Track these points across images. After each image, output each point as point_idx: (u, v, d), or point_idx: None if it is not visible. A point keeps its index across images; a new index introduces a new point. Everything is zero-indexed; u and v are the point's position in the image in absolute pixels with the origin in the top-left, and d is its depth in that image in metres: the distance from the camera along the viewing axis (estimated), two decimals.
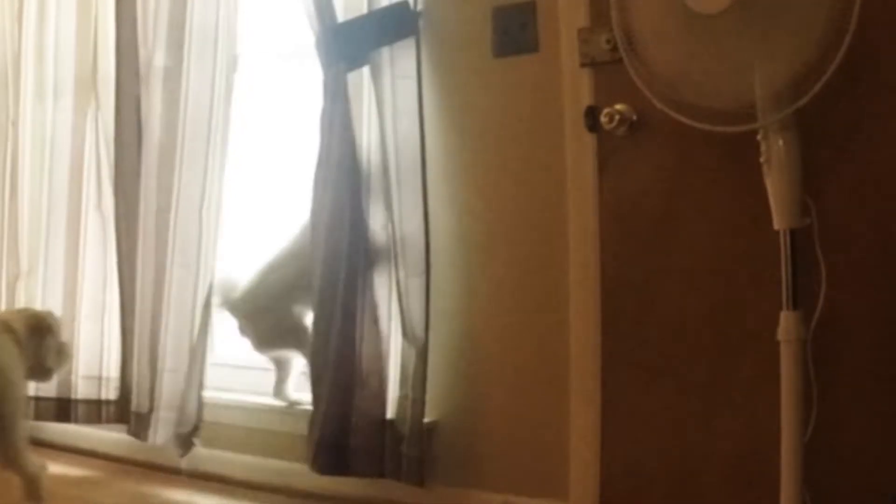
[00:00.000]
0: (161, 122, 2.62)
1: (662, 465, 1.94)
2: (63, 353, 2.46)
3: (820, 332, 1.71)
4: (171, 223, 2.59)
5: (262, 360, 2.59)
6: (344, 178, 2.26)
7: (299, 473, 2.39)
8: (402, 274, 2.23)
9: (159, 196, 2.62)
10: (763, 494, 1.74)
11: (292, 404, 2.50)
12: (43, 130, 3.00)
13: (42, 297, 2.97)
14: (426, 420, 2.21)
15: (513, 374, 2.18)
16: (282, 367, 2.54)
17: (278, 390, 2.53)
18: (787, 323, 1.70)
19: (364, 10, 2.26)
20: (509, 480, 2.16)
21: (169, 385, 2.58)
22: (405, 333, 2.24)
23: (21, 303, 3.02)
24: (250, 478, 2.53)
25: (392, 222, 2.24)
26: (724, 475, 1.86)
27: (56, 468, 2.48)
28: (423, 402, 2.19)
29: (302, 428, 2.36)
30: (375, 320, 2.25)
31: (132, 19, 2.66)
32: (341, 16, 2.28)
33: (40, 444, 2.78)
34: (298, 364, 2.51)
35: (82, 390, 2.79)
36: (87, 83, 2.87)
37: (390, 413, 2.26)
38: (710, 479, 1.88)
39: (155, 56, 2.63)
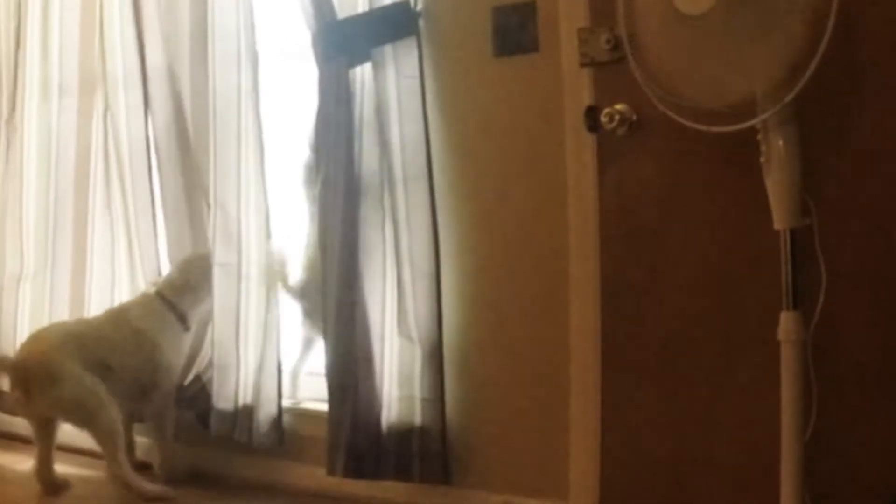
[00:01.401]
0: (192, 123, 2.63)
1: (662, 465, 1.94)
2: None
3: (820, 332, 1.71)
4: (211, 221, 2.59)
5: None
6: (348, 177, 2.26)
7: (301, 474, 2.41)
8: (406, 274, 2.23)
9: (200, 194, 2.63)
10: (763, 494, 1.73)
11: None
12: (48, 130, 3.02)
13: (49, 297, 2.98)
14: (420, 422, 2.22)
15: (512, 374, 2.18)
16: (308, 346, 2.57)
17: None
18: (787, 323, 1.69)
19: (360, 8, 2.26)
20: (509, 480, 2.16)
21: (219, 380, 2.58)
22: (408, 335, 2.24)
23: (26, 304, 3.04)
24: (248, 477, 2.54)
25: (395, 221, 2.24)
26: (724, 475, 1.86)
27: (56, 468, 2.49)
28: (440, 403, 2.19)
29: (310, 429, 2.39)
30: (378, 321, 2.26)
31: (145, 19, 2.67)
32: (339, 13, 2.28)
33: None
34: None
35: None
36: (93, 83, 2.88)
37: (393, 415, 2.26)
38: (710, 479, 1.88)
39: (174, 56, 2.64)
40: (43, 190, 3.03)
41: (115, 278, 2.88)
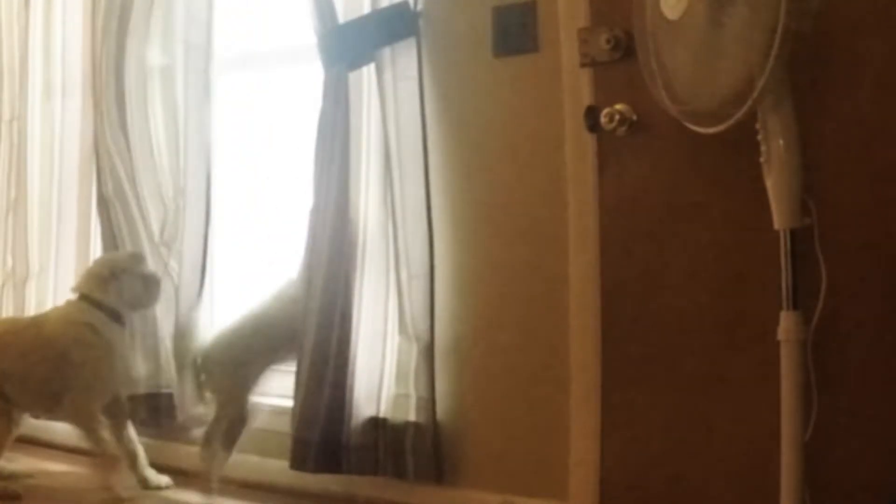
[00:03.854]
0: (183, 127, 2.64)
1: (662, 465, 1.94)
2: (149, 286, 2.51)
3: (820, 332, 1.71)
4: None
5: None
6: (345, 178, 2.27)
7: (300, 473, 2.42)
8: (403, 274, 2.23)
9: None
10: (763, 494, 1.73)
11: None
12: (51, 130, 3.03)
13: (53, 297, 3.00)
14: (419, 420, 2.22)
15: (512, 374, 2.18)
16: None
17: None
18: (787, 323, 1.69)
19: (364, 10, 2.26)
20: (509, 480, 2.16)
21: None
22: (405, 333, 2.25)
23: (31, 304, 3.05)
24: (247, 477, 2.54)
25: (394, 222, 2.25)
26: (725, 475, 1.86)
27: (56, 467, 2.50)
28: (430, 402, 2.19)
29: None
30: (373, 319, 2.26)
31: (127, 19, 2.68)
32: (342, 16, 2.29)
33: (41, 444, 2.82)
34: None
35: None
36: (92, 82, 2.89)
37: (386, 411, 2.27)
38: (710, 479, 1.88)
39: (151, 56, 2.65)
40: (47, 190, 3.05)
41: None
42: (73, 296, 2.53)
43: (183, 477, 2.56)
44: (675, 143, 1.89)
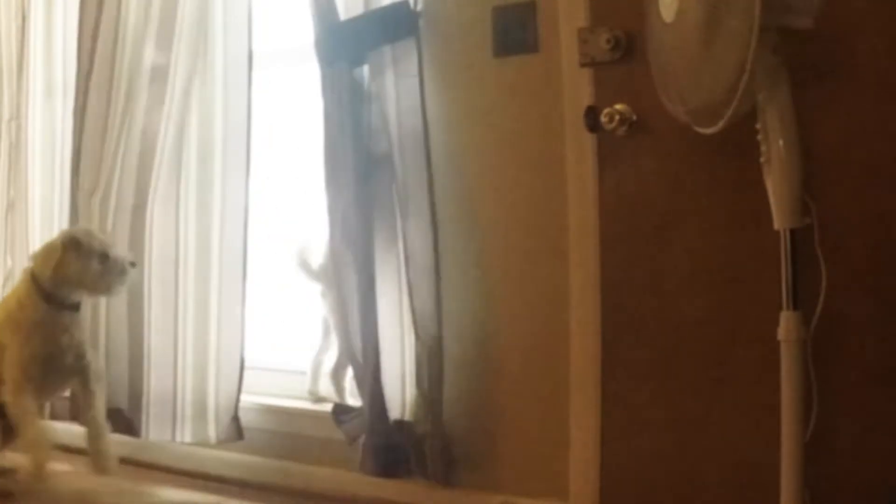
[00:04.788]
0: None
1: (662, 465, 1.94)
2: (116, 266, 2.34)
3: (820, 332, 1.70)
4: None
5: (268, 361, 2.64)
6: (350, 178, 2.27)
7: (301, 474, 2.42)
8: (411, 273, 2.23)
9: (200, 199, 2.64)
10: (763, 494, 1.73)
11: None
12: (52, 129, 3.03)
13: None
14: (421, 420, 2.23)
15: (512, 374, 2.18)
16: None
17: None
18: (787, 323, 1.68)
19: (362, 9, 2.26)
20: (509, 480, 2.16)
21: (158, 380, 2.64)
22: (417, 333, 2.24)
23: None
24: (249, 477, 2.55)
25: (399, 222, 2.25)
26: (724, 475, 1.86)
27: (56, 467, 2.49)
28: (439, 402, 2.19)
29: (303, 428, 2.39)
30: (397, 319, 2.27)
31: (130, 16, 2.68)
32: (343, 15, 2.29)
33: None
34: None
35: None
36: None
37: (407, 413, 2.27)
38: (710, 478, 1.88)
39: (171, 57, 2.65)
40: (48, 189, 3.04)
41: None
42: (26, 269, 2.43)
43: (173, 475, 2.58)
44: (675, 143, 1.89)
